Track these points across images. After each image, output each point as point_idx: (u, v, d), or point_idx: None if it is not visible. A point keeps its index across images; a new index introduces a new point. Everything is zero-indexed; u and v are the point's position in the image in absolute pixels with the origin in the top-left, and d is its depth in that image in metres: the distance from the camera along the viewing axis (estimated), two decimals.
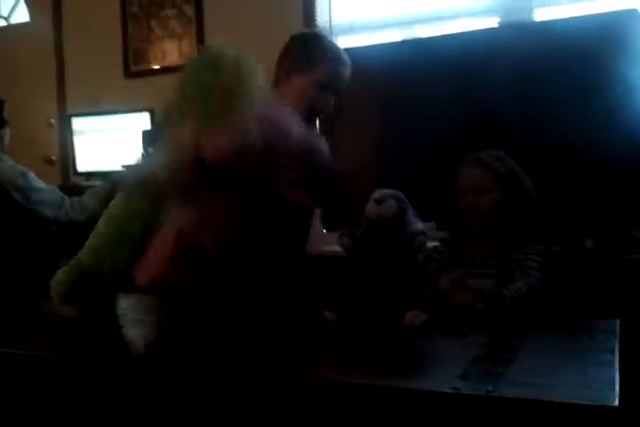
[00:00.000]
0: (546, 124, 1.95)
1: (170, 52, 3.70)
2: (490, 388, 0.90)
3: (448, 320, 1.30)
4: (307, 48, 1.76)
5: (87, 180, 3.64)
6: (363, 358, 1.10)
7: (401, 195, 1.38)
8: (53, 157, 4.03)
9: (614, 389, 0.88)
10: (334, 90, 1.74)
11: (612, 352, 1.05)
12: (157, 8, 3.71)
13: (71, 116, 3.86)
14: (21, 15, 4.28)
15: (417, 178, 2.10)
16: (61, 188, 2.90)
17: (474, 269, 1.58)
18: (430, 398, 0.92)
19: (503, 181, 1.63)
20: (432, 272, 1.64)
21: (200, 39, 3.57)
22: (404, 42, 2.62)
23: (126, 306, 1.51)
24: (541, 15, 2.78)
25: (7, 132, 2.68)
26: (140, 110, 3.52)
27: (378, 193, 1.36)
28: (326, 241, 1.98)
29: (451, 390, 0.91)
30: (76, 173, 3.85)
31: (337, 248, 1.40)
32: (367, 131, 2.26)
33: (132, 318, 1.44)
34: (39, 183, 2.56)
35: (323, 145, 1.35)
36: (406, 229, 1.32)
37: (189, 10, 3.61)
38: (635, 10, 1.91)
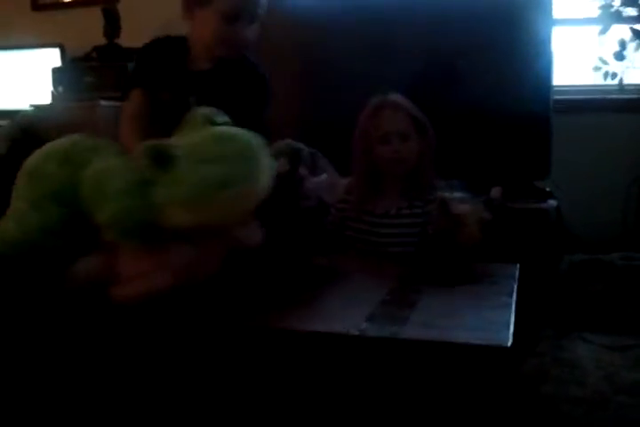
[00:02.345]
0: (456, 76, 1.98)
1: None
2: (394, 329, 0.95)
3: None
4: None
5: None
6: (270, 302, 1.12)
7: (296, 146, 1.40)
8: None
9: (509, 330, 0.94)
10: (247, 19, 1.47)
11: (510, 295, 1.12)
12: None
13: None
14: None
15: (337, 129, 2.12)
16: None
17: (387, 219, 1.57)
18: (337, 340, 0.95)
19: (420, 126, 1.59)
20: (339, 221, 1.61)
21: None
22: None
23: None
24: None
25: None
26: (50, 46, 3.34)
27: (271, 149, 1.39)
28: None
29: (357, 332, 0.94)
30: None
31: None
32: (289, 79, 2.24)
33: None
34: None
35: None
36: (299, 182, 1.37)
37: None
38: None
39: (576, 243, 2.11)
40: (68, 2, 3.53)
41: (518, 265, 1.31)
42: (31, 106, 2.89)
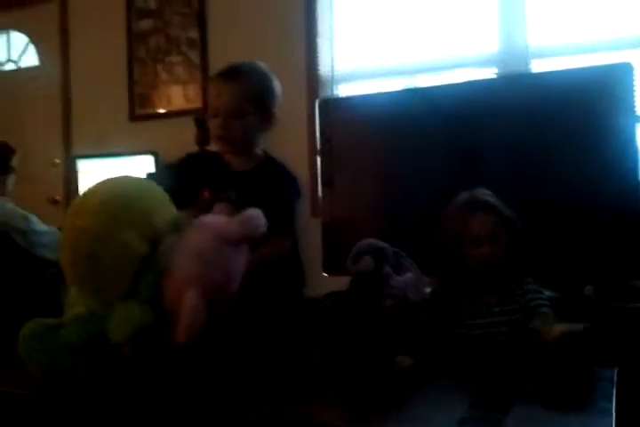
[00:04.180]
0: (543, 174, 1.98)
1: (175, 96, 3.77)
2: None
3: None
4: None
5: None
6: (361, 403, 1.10)
7: (380, 245, 1.42)
8: (58, 197, 4.08)
9: None
10: (229, 114, 1.66)
11: (610, 400, 1.06)
12: (164, 54, 3.80)
13: (76, 157, 3.91)
14: (30, 59, 4.38)
15: (417, 227, 2.13)
16: None
17: (479, 319, 1.51)
18: None
19: (509, 225, 1.54)
20: (426, 325, 1.53)
21: (205, 85, 3.65)
22: (403, 90, 2.67)
23: None
24: (538, 66, 2.86)
25: (11, 179, 2.73)
26: (144, 153, 3.57)
27: (355, 248, 1.42)
28: (328, 285, 1.99)
29: None
30: None
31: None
32: (367, 178, 2.30)
33: None
34: (40, 226, 2.58)
35: None
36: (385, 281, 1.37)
37: (195, 56, 3.70)
38: (628, 63, 1.96)
39: None
40: (162, 113, 3.79)
41: (617, 369, 1.25)
42: None
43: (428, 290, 1.59)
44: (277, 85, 1.74)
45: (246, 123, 1.67)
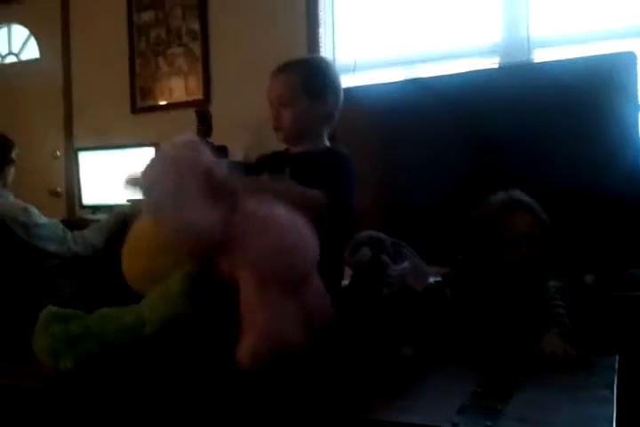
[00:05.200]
0: (546, 162, 1.97)
1: (176, 88, 3.76)
2: (488, 423, 0.91)
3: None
4: None
5: (93, 213, 3.66)
6: (360, 392, 1.10)
7: (377, 236, 1.42)
8: (59, 189, 4.08)
9: (611, 425, 0.89)
10: (278, 103, 1.71)
11: (611, 388, 1.06)
12: (164, 46, 3.80)
13: (78, 150, 3.92)
14: (31, 52, 4.38)
15: (421, 216, 2.12)
16: (67, 222, 2.92)
17: (500, 317, 1.48)
18: None
19: (545, 227, 1.53)
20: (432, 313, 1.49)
21: (206, 76, 3.64)
22: (405, 81, 2.66)
23: None
24: (540, 56, 2.85)
25: (11, 171, 2.72)
26: (146, 145, 3.56)
27: (354, 240, 1.42)
28: None
29: (449, 426, 0.91)
30: (81, 206, 3.89)
31: None
32: (369, 168, 2.29)
33: None
34: (41, 219, 2.58)
35: None
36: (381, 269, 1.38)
37: (196, 48, 3.69)
38: (632, 52, 1.94)
39: None
40: (164, 105, 3.79)
41: (617, 356, 1.25)
42: (128, 200, 3.05)
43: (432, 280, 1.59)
44: (332, 73, 1.75)
45: (296, 110, 1.68)
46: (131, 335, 1.20)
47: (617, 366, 1.19)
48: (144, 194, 1.19)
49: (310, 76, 1.70)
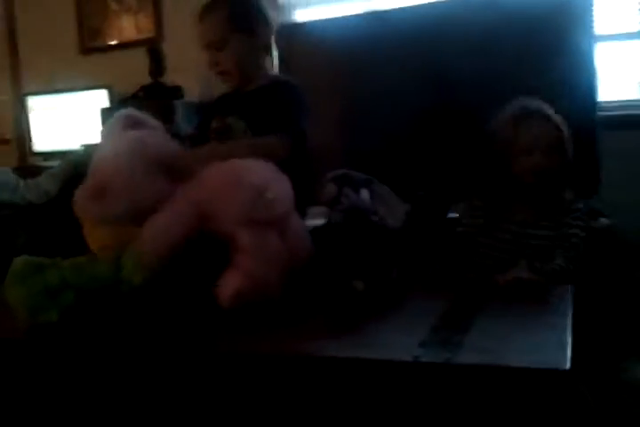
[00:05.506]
0: (502, 94, 1.96)
1: (127, 27, 3.62)
2: (449, 355, 0.93)
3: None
4: None
5: (45, 160, 3.57)
6: (317, 329, 1.10)
7: (345, 173, 1.40)
8: (8, 137, 3.95)
9: (566, 352, 0.91)
10: (213, 46, 1.69)
11: (566, 316, 1.08)
12: None
13: (26, 94, 3.78)
14: None
15: (383, 151, 2.12)
16: (19, 169, 2.84)
17: (528, 228, 1.51)
18: (390, 367, 0.94)
19: (560, 137, 1.52)
20: (467, 235, 1.56)
21: (157, 14, 3.51)
22: (362, 14, 2.61)
23: None
24: None
25: None
26: (98, 87, 3.46)
27: (327, 178, 1.41)
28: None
29: (411, 359, 0.93)
30: (33, 153, 3.78)
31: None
32: (328, 104, 2.26)
33: None
34: None
35: None
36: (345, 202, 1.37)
37: None
38: None
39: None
40: (114, 44, 3.65)
41: (573, 285, 1.27)
42: (82, 146, 2.98)
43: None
44: (257, 2, 1.70)
45: (234, 51, 1.65)
46: (107, 284, 1.18)
47: (572, 294, 1.22)
48: None
49: (237, 13, 1.66)
